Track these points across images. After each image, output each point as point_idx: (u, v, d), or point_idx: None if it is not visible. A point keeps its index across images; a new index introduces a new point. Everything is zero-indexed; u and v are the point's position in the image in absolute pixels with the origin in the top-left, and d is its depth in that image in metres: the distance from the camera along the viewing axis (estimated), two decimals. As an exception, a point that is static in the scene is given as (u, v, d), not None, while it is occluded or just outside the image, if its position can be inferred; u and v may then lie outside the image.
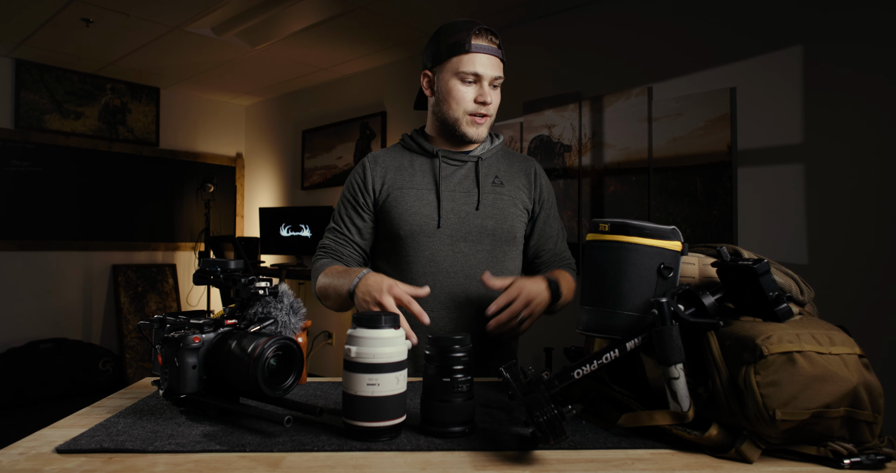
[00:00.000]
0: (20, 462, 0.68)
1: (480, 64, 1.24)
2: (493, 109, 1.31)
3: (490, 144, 1.39)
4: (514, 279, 1.17)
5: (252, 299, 0.88)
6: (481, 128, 1.30)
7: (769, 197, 2.42)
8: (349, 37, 3.64)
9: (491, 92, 1.27)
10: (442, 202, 1.30)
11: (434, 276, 1.28)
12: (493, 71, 1.26)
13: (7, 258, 4.07)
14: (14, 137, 4.11)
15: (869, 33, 2.18)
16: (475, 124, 1.29)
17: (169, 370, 0.82)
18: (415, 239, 1.29)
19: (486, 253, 1.30)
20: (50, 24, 3.45)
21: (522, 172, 1.40)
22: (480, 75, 1.25)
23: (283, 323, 0.86)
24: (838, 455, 0.69)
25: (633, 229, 0.81)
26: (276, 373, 0.81)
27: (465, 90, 1.27)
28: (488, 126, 1.32)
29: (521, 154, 1.46)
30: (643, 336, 0.78)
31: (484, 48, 1.24)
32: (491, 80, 1.26)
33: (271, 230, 4.56)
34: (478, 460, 0.71)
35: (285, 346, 0.80)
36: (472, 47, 1.24)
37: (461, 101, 1.27)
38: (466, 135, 1.30)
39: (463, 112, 1.28)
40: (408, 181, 1.32)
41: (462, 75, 1.26)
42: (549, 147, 3.17)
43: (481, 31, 1.25)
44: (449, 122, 1.30)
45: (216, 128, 5.27)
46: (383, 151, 1.41)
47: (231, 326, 0.86)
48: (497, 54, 1.27)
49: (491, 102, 1.28)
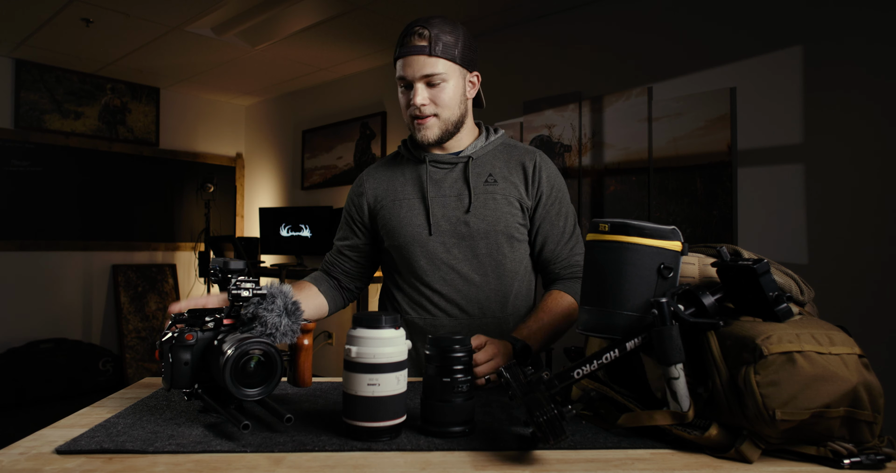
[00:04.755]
0: (20, 462, 0.68)
1: (405, 66, 1.23)
2: (438, 107, 1.25)
3: (484, 141, 1.35)
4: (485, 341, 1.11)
5: (236, 300, 0.86)
6: (426, 130, 1.27)
7: (769, 197, 2.42)
8: (349, 37, 3.64)
9: (424, 91, 1.23)
10: (432, 209, 1.29)
11: (434, 282, 1.29)
12: (417, 70, 1.22)
13: (7, 258, 4.07)
14: (14, 137, 4.11)
15: (869, 33, 2.18)
16: (419, 127, 1.27)
17: (164, 364, 0.82)
18: (409, 249, 1.30)
19: (483, 255, 1.29)
20: (50, 24, 3.45)
21: (520, 167, 1.34)
22: (407, 78, 1.24)
23: (273, 325, 0.82)
24: (838, 455, 0.69)
25: (633, 229, 0.81)
26: (251, 376, 0.78)
27: (402, 96, 1.28)
28: (438, 126, 1.27)
29: (524, 147, 1.40)
30: (643, 336, 0.78)
31: (406, 51, 1.22)
32: (419, 79, 1.23)
33: (271, 230, 4.56)
34: (478, 460, 0.71)
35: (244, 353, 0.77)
36: (398, 53, 1.25)
37: (403, 107, 1.29)
38: (416, 138, 1.30)
39: (408, 117, 1.29)
40: (399, 192, 1.34)
41: (398, 82, 1.27)
42: (549, 147, 3.17)
43: (410, 32, 1.23)
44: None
45: (216, 128, 5.27)
46: (378, 164, 1.43)
47: (229, 325, 0.86)
48: (422, 52, 1.21)
49: (423, 102, 1.24)
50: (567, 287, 1.30)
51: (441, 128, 1.28)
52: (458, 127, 1.31)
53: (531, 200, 1.33)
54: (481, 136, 1.37)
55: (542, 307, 1.26)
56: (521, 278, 1.34)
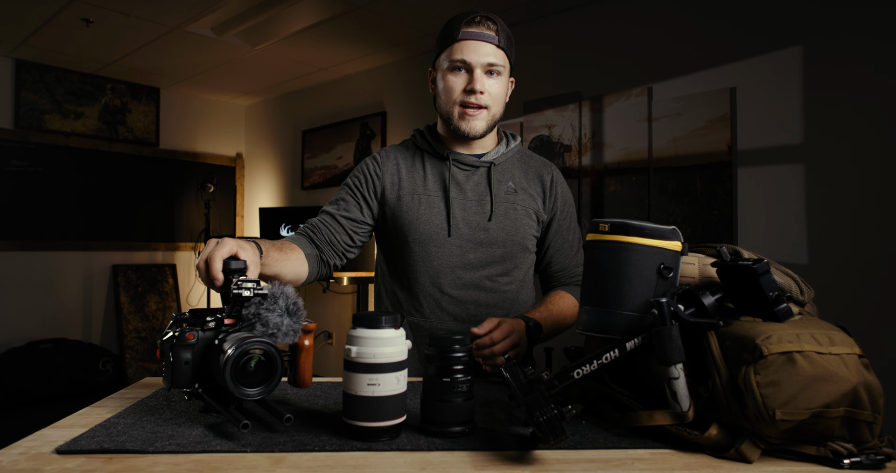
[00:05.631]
0: (20, 462, 0.68)
1: (468, 50, 1.18)
2: (491, 99, 1.22)
3: (505, 148, 1.33)
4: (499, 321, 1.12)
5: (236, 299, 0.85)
6: (473, 121, 1.22)
7: (769, 197, 2.42)
8: (349, 37, 3.64)
9: (484, 79, 1.19)
10: (453, 210, 1.26)
11: (443, 285, 1.26)
12: (482, 57, 1.18)
13: (7, 258, 4.07)
14: (14, 137, 4.11)
15: (869, 33, 2.18)
16: (466, 117, 1.21)
17: (165, 364, 0.83)
18: (424, 247, 1.26)
19: (496, 263, 1.28)
20: (50, 24, 3.45)
21: (538, 179, 1.33)
22: (468, 62, 1.18)
23: (274, 325, 0.81)
24: (838, 454, 0.69)
25: (633, 229, 0.81)
26: (252, 376, 0.79)
27: (455, 80, 1.20)
28: (486, 120, 1.23)
29: (539, 158, 1.38)
30: (643, 336, 0.78)
31: (473, 35, 1.18)
32: (483, 66, 1.18)
33: (271, 230, 4.56)
34: (478, 460, 0.71)
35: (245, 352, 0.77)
36: (460, 35, 1.19)
37: (451, 91, 1.21)
38: (459, 129, 1.23)
39: (453, 103, 1.22)
40: (420, 186, 1.28)
41: (451, 65, 1.20)
42: (549, 147, 3.17)
43: (476, 19, 1.19)
44: (444, 117, 1.26)
45: (216, 128, 5.27)
46: (395, 149, 1.35)
47: (230, 325, 0.86)
48: (491, 40, 1.18)
49: (482, 90, 1.19)
50: (569, 289, 1.33)
51: (488, 122, 1.24)
52: (494, 127, 1.28)
53: (547, 214, 1.33)
54: (502, 141, 1.35)
55: (548, 300, 1.28)
56: (526, 286, 1.36)
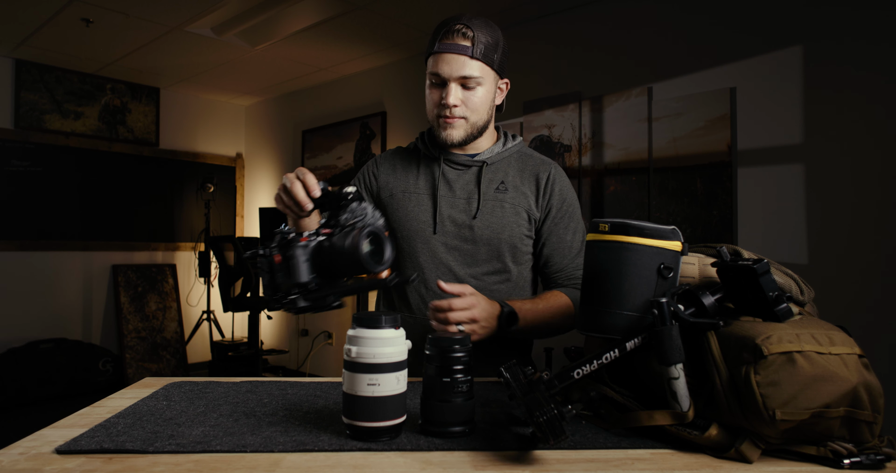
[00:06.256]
0: (20, 462, 0.68)
1: (442, 63, 1.20)
2: (468, 110, 1.24)
3: (501, 147, 1.34)
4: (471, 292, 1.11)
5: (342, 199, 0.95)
6: (451, 130, 1.25)
7: (769, 197, 2.42)
8: (349, 37, 3.64)
9: (459, 92, 1.22)
10: (440, 208, 1.29)
11: (428, 281, 1.29)
12: (455, 70, 1.19)
13: (7, 258, 4.07)
14: (14, 137, 4.11)
15: (869, 33, 2.18)
16: (444, 126, 1.25)
17: (282, 267, 0.87)
18: (410, 243, 1.31)
19: (483, 262, 1.28)
20: (50, 24, 3.45)
21: (533, 177, 1.32)
22: (442, 76, 1.21)
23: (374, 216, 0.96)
24: (838, 454, 0.69)
25: (633, 229, 0.81)
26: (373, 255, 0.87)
27: (432, 92, 1.25)
28: (465, 128, 1.26)
29: (539, 157, 1.38)
30: (643, 336, 0.78)
31: (447, 47, 1.19)
32: (456, 80, 1.21)
33: (271, 230, 4.55)
34: (478, 460, 0.71)
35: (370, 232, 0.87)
36: (437, 47, 1.21)
37: (429, 103, 1.27)
38: (439, 137, 1.27)
39: (433, 115, 1.27)
40: (411, 185, 1.33)
41: (429, 78, 1.25)
42: (549, 147, 3.17)
43: (453, 28, 1.20)
44: (430, 124, 1.31)
45: (216, 128, 5.27)
46: (394, 152, 1.43)
47: (326, 235, 0.92)
48: (464, 52, 1.19)
49: (456, 103, 1.22)
50: (567, 290, 1.30)
51: (467, 131, 1.27)
52: (482, 132, 1.30)
53: (540, 212, 1.32)
54: (499, 141, 1.36)
55: (539, 297, 1.26)
56: (521, 286, 1.34)
